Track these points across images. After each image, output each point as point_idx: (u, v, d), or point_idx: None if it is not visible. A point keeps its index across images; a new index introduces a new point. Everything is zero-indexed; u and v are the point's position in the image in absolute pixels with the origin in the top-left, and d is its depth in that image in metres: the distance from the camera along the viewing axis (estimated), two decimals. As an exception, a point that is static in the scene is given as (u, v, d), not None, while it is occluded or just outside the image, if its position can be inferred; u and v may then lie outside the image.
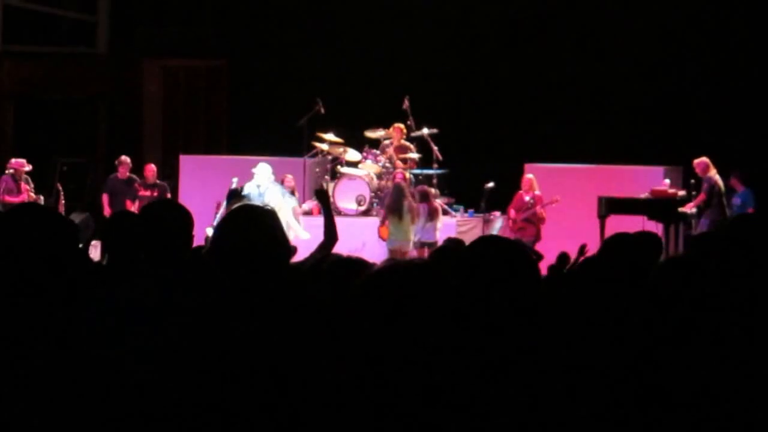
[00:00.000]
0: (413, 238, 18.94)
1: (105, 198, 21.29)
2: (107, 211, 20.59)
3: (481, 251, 3.94)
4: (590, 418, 3.54)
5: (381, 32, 24.55)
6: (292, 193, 19.84)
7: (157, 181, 21.19)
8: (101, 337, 4.18)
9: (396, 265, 3.27)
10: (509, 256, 3.86)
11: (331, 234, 8.39)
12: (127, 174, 21.41)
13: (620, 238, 6.55)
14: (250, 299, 4.27)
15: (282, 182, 19.80)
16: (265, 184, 19.33)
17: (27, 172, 20.71)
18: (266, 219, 4.55)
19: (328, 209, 9.01)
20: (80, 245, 9.10)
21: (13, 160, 20.72)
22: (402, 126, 21.34)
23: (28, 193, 20.38)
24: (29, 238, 3.99)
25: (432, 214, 19.11)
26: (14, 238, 4.01)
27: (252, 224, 4.47)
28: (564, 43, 24.04)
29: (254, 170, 19.59)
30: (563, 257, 11.90)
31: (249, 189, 19.29)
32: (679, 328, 4.01)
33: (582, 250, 12.62)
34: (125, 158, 21.62)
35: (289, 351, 4.03)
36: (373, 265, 7.00)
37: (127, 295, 4.85)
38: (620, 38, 23.57)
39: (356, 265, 6.02)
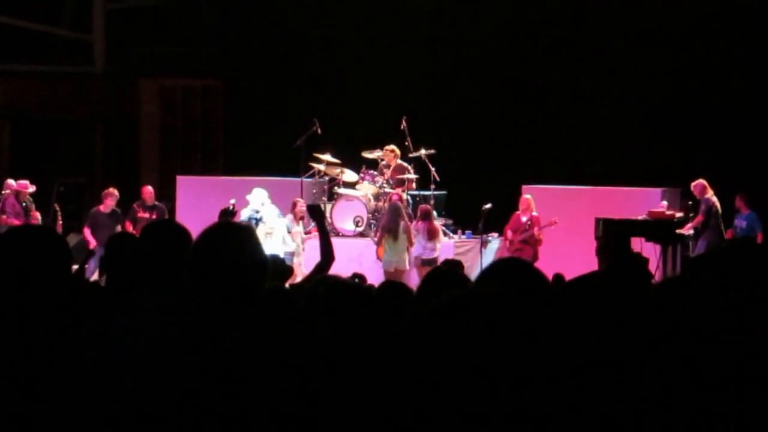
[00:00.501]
0: (414, 254, 18.97)
1: (87, 231, 20.31)
2: (93, 243, 19.70)
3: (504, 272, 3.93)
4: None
5: (379, 53, 24.59)
6: (302, 218, 19.58)
7: (156, 203, 21.02)
8: (96, 357, 4.16)
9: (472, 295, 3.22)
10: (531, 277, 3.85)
11: (327, 254, 8.26)
12: (112, 207, 20.50)
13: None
14: (221, 320, 4.24)
15: (294, 206, 19.56)
16: (262, 208, 19.27)
17: (30, 194, 20.52)
18: (241, 237, 4.51)
19: (322, 227, 8.84)
20: (76, 266, 9.05)
21: (11, 182, 20.52)
22: (394, 147, 21.29)
23: (37, 217, 20.17)
24: (20, 258, 3.98)
25: (431, 234, 19.09)
26: (5, 259, 4.00)
27: (226, 242, 4.44)
28: (562, 65, 24.06)
29: (249, 197, 19.50)
30: (558, 279, 11.83)
31: (246, 215, 19.22)
32: (676, 348, 3.99)
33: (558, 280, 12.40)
34: (113, 190, 20.64)
35: (264, 375, 4.01)
36: (371, 287, 6.95)
37: (124, 317, 4.82)
38: (618, 60, 23.60)
39: (354, 289, 5.92)
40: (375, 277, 16.58)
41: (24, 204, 20.24)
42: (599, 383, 3.81)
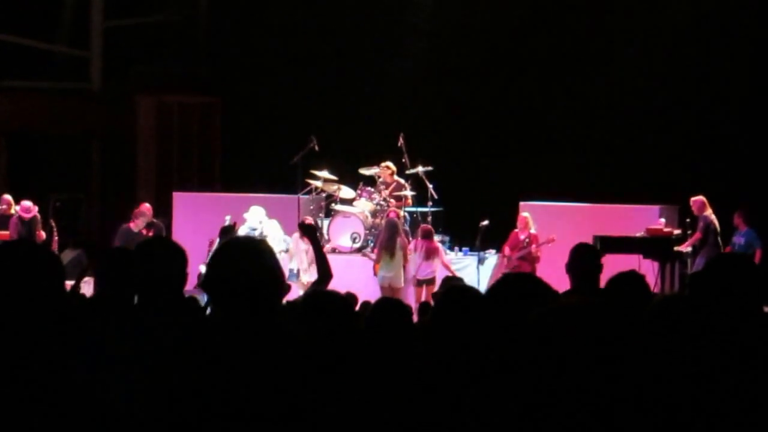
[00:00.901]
0: (410, 273, 18.97)
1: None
2: None
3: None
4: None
5: (376, 69, 24.59)
6: None
7: (154, 220, 20.97)
8: (88, 372, 4.14)
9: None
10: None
11: (323, 271, 8.15)
12: (142, 226, 20.39)
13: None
14: (240, 337, 4.22)
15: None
16: (260, 225, 19.23)
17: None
18: (261, 250, 4.51)
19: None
20: (72, 281, 9.01)
21: (8, 197, 20.52)
22: (390, 164, 21.27)
23: (42, 236, 20.11)
24: (11, 275, 3.95)
25: (429, 253, 19.07)
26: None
27: (247, 255, 4.43)
28: (559, 82, 24.07)
29: (246, 215, 19.46)
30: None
31: (243, 232, 19.19)
32: (674, 364, 3.97)
33: None
34: (145, 210, 20.65)
35: (280, 390, 3.99)
36: (367, 302, 6.89)
37: (118, 331, 4.80)
38: (615, 75, 23.59)
39: (339, 300, 5.85)
40: (371, 293, 16.57)
41: (26, 222, 20.23)
42: (597, 397, 3.79)
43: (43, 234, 20.35)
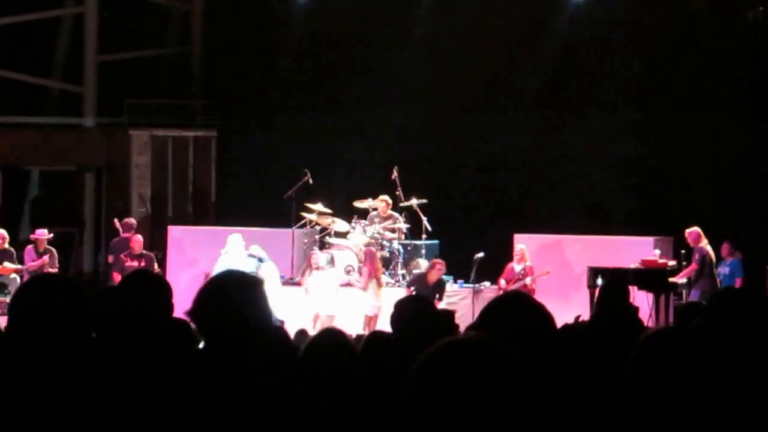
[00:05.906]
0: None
1: (116, 277, 20.10)
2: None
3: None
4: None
5: (370, 103, 24.60)
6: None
7: (144, 252, 20.97)
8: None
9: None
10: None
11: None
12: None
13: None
14: (224, 374, 4.20)
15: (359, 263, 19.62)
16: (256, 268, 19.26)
17: (49, 242, 20.63)
18: (252, 287, 4.47)
19: None
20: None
21: (5, 236, 20.63)
22: (387, 198, 21.24)
23: (43, 263, 20.20)
24: (46, 310, 3.99)
25: None
26: (31, 309, 4.01)
27: (236, 292, 4.40)
28: (554, 115, 24.11)
29: (251, 248, 19.51)
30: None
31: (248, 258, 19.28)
32: (660, 400, 3.94)
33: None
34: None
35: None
36: (360, 336, 6.84)
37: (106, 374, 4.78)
38: (609, 109, 23.65)
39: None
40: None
41: (41, 252, 20.35)
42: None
43: (46, 258, 20.36)
